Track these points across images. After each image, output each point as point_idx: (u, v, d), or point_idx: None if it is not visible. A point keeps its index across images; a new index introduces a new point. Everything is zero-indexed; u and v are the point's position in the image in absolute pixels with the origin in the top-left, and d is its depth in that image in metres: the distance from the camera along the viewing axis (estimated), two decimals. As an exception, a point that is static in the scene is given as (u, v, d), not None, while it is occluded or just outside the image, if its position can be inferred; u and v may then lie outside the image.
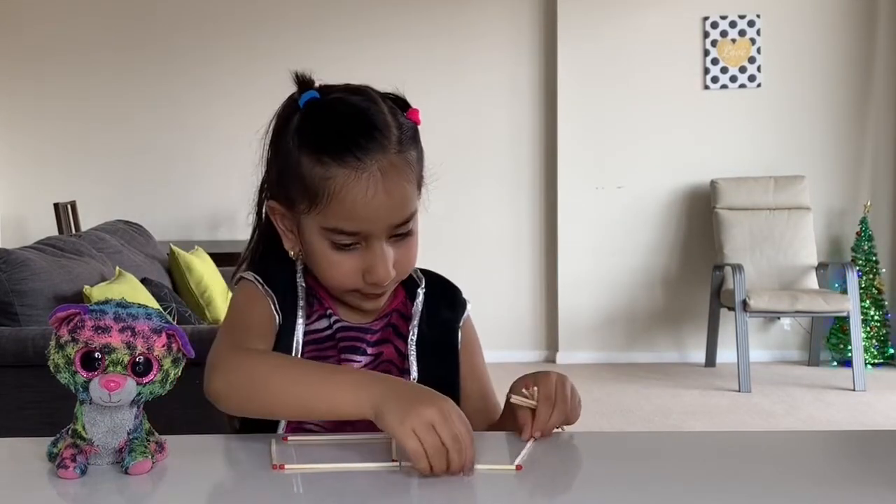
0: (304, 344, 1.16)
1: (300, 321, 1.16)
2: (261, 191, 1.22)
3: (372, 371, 1.13)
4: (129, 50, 5.37)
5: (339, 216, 1.08)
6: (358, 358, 1.17)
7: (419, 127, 1.16)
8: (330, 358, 1.16)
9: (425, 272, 1.26)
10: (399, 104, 1.16)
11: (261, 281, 1.17)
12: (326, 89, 1.15)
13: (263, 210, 1.22)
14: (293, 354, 1.15)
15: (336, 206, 1.07)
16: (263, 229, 1.23)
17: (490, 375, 1.30)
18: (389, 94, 1.17)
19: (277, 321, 1.16)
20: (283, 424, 1.13)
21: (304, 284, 1.19)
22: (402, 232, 1.12)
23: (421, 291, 1.23)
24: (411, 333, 1.20)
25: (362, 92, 1.13)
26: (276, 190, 1.16)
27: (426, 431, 0.90)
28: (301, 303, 1.17)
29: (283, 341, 1.15)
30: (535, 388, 1.08)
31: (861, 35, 5.21)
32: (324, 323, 1.18)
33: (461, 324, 1.26)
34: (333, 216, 1.08)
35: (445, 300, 1.25)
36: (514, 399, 1.08)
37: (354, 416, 0.99)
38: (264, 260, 1.23)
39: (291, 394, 1.03)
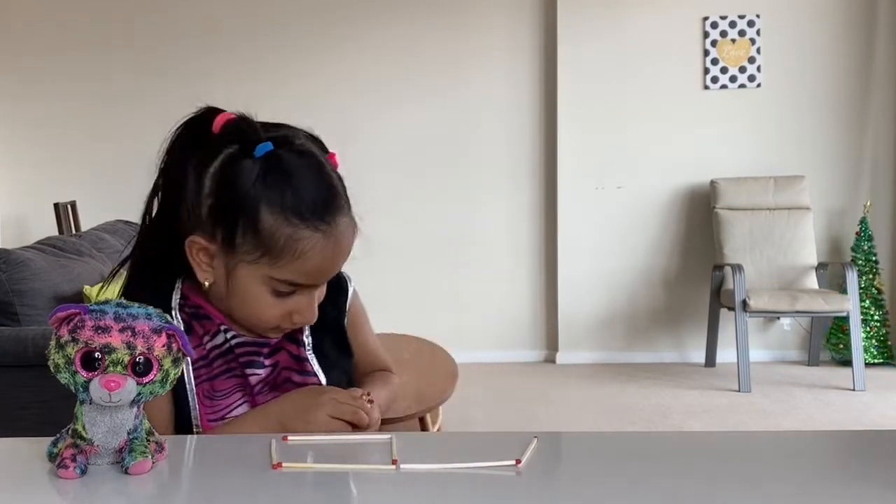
0: (211, 359, 1.19)
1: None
2: (150, 201, 1.23)
3: (259, 407, 1.18)
4: (129, 51, 5.38)
5: (297, 272, 1.12)
6: (258, 371, 1.21)
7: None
8: (235, 368, 1.20)
9: None
10: (321, 147, 1.18)
11: None
12: (254, 131, 1.14)
13: (147, 221, 1.23)
14: (186, 387, 1.17)
15: (298, 263, 1.11)
16: (147, 243, 1.22)
17: (376, 336, 1.39)
18: (308, 133, 1.18)
19: None
20: None
21: (180, 319, 1.19)
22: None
23: None
24: (307, 343, 1.24)
25: (309, 150, 1.14)
26: (206, 226, 1.14)
27: (337, 409, 1.12)
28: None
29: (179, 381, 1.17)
30: None
31: (861, 35, 5.21)
32: (220, 338, 1.20)
33: (347, 310, 1.31)
34: (290, 271, 1.12)
35: (330, 298, 1.25)
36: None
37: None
38: (137, 285, 1.22)
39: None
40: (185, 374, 1.17)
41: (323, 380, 1.23)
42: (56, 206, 4.79)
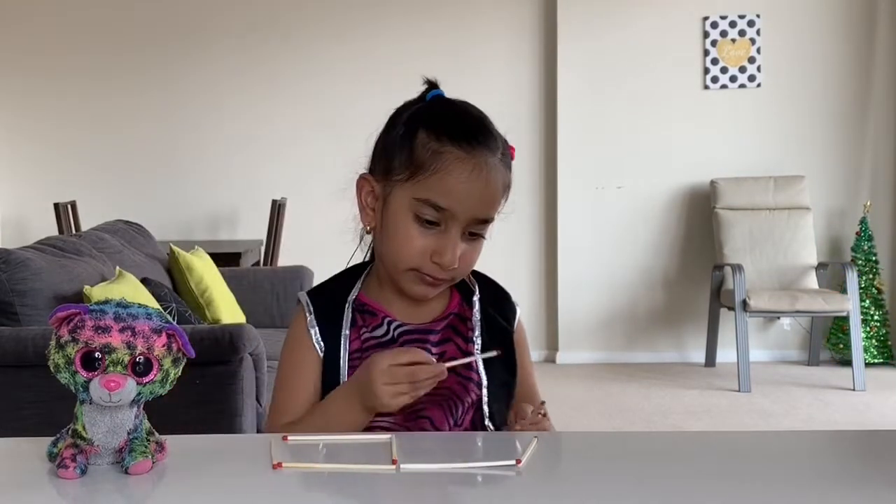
0: (365, 350, 1.23)
1: (343, 350, 1.23)
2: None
3: (344, 385, 1.20)
4: (130, 50, 5.38)
5: (437, 189, 1.16)
6: None
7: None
8: None
9: (475, 275, 1.32)
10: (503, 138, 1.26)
11: (311, 309, 1.25)
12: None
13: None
14: (341, 373, 1.22)
15: (437, 179, 1.16)
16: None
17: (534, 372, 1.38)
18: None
19: (320, 351, 1.23)
20: None
21: (350, 313, 1.25)
22: (476, 231, 1.21)
23: (476, 300, 1.29)
24: (476, 342, 1.26)
25: (480, 110, 1.25)
26: (375, 164, 1.25)
27: (392, 376, 1.09)
28: (345, 331, 1.24)
29: (330, 367, 1.23)
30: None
31: (861, 35, 5.22)
32: (382, 330, 1.24)
33: (515, 328, 1.33)
34: (431, 188, 1.16)
35: (498, 309, 1.32)
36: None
37: (365, 423, 1.15)
38: (329, 281, 1.32)
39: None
40: (342, 362, 1.22)
41: (485, 380, 1.23)
42: (56, 206, 4.78)
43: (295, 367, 1.25)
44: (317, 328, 1.24)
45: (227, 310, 3.61)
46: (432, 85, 1.27)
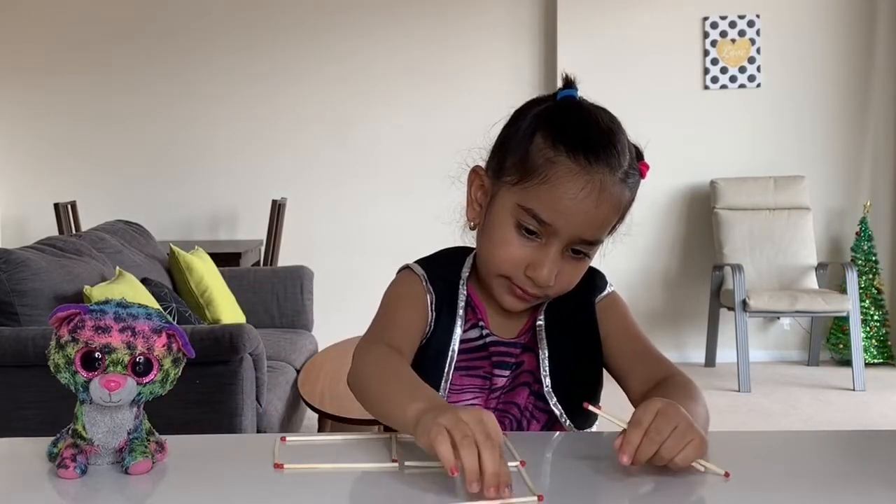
0: (458, 352, 1.19)
1: (458, 329, 1.20)
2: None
3: (433, 400, 0.98)
4: (130, 51, 5.37)
5: (542, 201, 1.08)
6: (505, 372, 1.21)
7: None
8: (480, 368, 1.20)
9: None
10: (636, 150, 1.19)
11: (426, 278, 1.21)
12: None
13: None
14: (448, 358, 1.18)
15: (545, 190, 1.08)
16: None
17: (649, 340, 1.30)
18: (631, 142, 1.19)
19: (430, 320, 1.19)
20: None
21: (465, 292, 1.22)
22: (580, 250, 1.14)
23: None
24: (539, 318, 1.21)
25: (614, 118, 1.16)
26: (490, 157, 1.19)
27: (454, 424, 0.85)
28: (460, 311, 1.20)
29: (437, 344, 1.19)
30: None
31: (861, 35, 5.22)
32: (475, 333, 1.21)
33: (597, 299, 1.29)
34: (536, 198, 1.09)
35: (580, 287, 1.23)
36: (591, 408, 1.00)
37: (404, 428, 0.96)
38: (436, 257, 1.27)
39: (377, 404, 1.04)
40: (448, 362, 1.18)
41: (547, 381, 1.20)
42: (56, 206, 4.78)
43: (400, 317, 1.18)
44: (434, 296, 1.19)
45: (227, 310, 3.61)
46: (568, 83, 1.17)
